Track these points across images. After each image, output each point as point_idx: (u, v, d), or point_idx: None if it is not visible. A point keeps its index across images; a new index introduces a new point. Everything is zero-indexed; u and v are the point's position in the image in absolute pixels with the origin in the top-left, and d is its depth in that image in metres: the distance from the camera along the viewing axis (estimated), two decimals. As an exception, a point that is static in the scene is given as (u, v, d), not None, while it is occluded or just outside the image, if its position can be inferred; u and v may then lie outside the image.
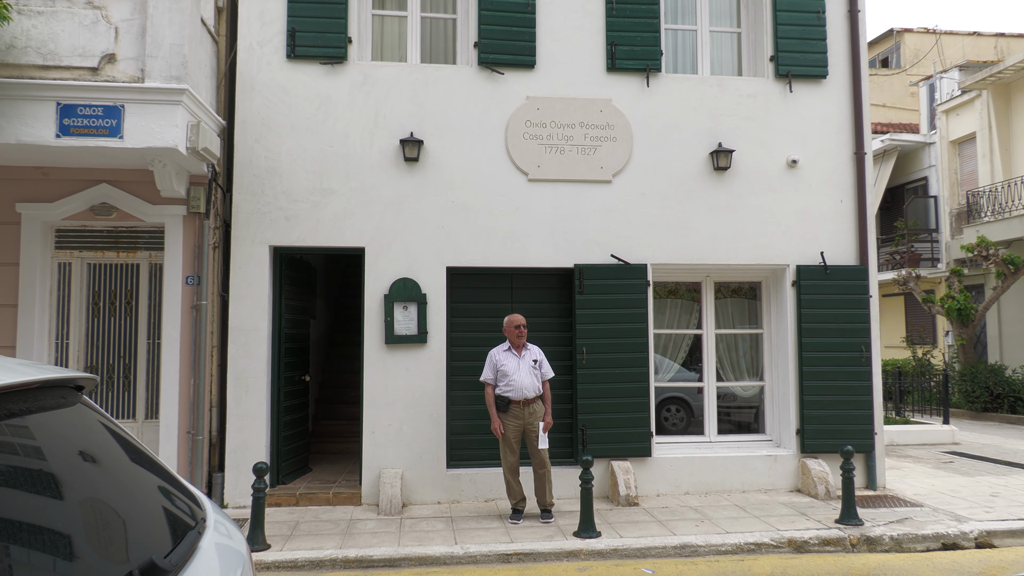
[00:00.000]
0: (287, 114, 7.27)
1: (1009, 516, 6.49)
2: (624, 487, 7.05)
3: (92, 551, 1.62)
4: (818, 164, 7.90)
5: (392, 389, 7.17)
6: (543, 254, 7.47)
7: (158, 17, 5.92)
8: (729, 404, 8.21)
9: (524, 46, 7.54)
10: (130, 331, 7.10)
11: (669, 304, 8.12)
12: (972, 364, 14.69)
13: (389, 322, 7.16)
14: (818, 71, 7.91)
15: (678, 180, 7.71)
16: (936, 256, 18.43)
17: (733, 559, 5.68)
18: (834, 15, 8.01)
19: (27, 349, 6.66)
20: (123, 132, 5.77)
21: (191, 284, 6.90)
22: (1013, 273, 13.84)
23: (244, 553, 2.22)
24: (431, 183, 7.39)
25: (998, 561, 5.58)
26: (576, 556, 5.70)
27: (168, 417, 6.78)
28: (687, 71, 8.11)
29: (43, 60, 5.77)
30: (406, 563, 5.56)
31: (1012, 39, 21.89)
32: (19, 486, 1.55)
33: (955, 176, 18.26)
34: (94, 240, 7.05)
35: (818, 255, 7.79)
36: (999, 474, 8.46)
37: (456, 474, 7.22)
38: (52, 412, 1.85)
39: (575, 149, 7.58)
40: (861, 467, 7.65)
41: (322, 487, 7.34)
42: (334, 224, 7.24)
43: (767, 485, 7.54)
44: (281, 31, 7.29)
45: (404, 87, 7.42)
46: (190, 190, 6.85)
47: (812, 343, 7.64)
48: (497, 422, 6.41)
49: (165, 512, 2.01)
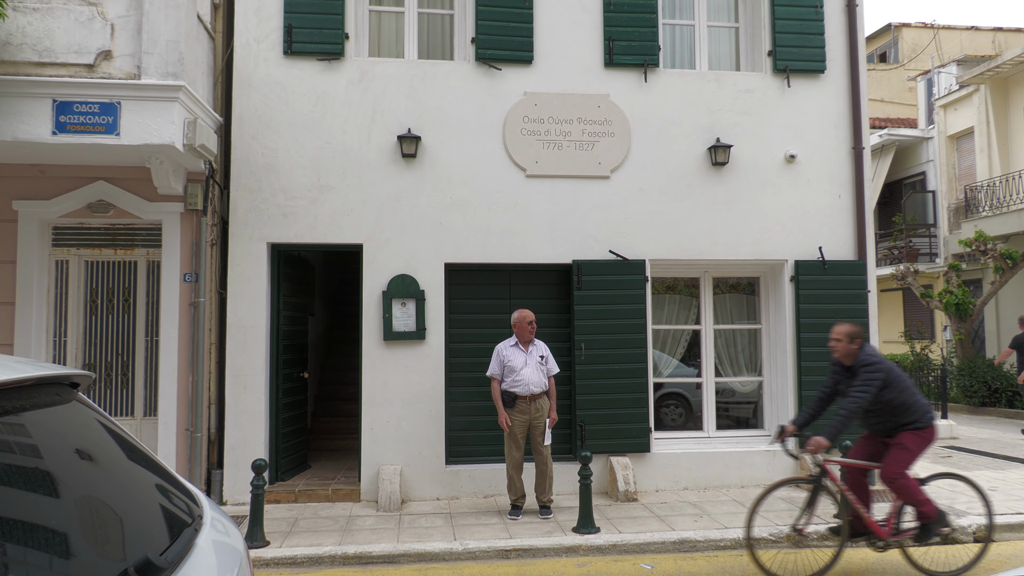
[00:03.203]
0: (284, 111, 7.25)
1: (1007, 511, 6.50)
2: (623, 483, 7.06)
3: (88, 549, 1.61)
4: (816, 159, 7.90)
5: (391, 386, 7.17)
6: (541, 250, 7.46)
7: (154, 14, 5.90)
8: (728, 399, 8.22)
9: (522, 42, 7.53)
10: (128, 329, 7.09)
11: (668, 300, 8.12)
12: (970, 359, 14.71)
13: (387, 319, 7.15)
14: (816, 66, 7.90)
15: (676, 175, 7.71)
16: (934, 251, 18.45)
17: (732, 554, 5.69)
18: (832, 9, 8.00)
19: (25, 347, 6.65)
20: (120, 129, 5.75)
21: (189, 281, 6.89)
22: (1011, 268, 13.85)
23: (241, 550, 2.21)
24: (429, 179, 7.38)
25: (996, 555, 5.59)
26: (575, 552, 5.71)
27: (167, 415, 6.77)
28: (685, 66, 8.10)
29: (39, 57, 5.75)
30: (405, 559, 5.57)
31: (1010, 33, 21.88)
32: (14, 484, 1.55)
33: (953, 171, 18.26)
34: (91, 237, 7.04)
35: (816, 250, 7.79)
36: (997, 468, 8.47)
37: (455, 470, 7.23)
38: (48, 409, 1.85)
39: (573, 145, 7.57)
40: (859, 462, 7.65)
41: (321, 484, 7.35)
42: (332, 221, 7.23)
43: (766, 480, 7.54)
44: (278, 27, 7.27)
45: (402, 83, 7.41)
46: (187, 187, 6.84)
47: (810, 338, 7.64)
48: (504, 416, 6.41)
49: (162, 509, 2.01)
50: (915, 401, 4.95)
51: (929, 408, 5.02)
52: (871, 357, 4.92)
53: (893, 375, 4.91)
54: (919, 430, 4.94)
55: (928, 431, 4.97)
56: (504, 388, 6.46)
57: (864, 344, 5.07)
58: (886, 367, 4.90)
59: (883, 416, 4.98)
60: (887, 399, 4.90)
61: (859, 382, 4.85)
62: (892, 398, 4.90)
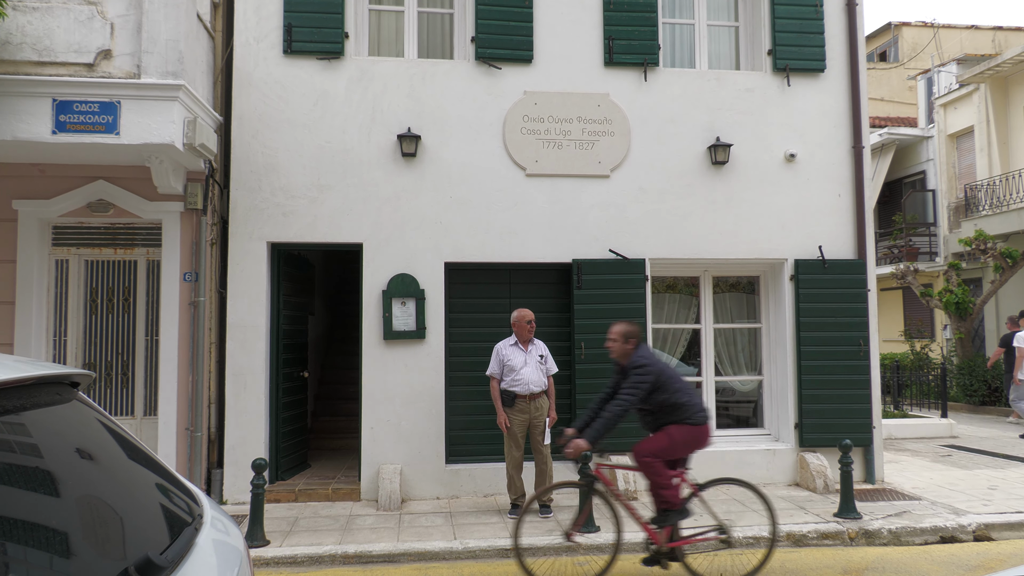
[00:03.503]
0: (284, 110, 7.25)
1: (1007, 509, 6.50)
2: (623, 481, 7.06)
3: (88, 548, 1.61)
4: (816, 158, 7.90)
5: (391, 385, 7.17)
6: (541, 249, 7.46)
7: (154, 13, 5.90)
8: (728, 398, 8.22)
9: (521, 40, 7.52)
10: (128, 328, 7.09)
11: (667, 299, 8.12)
12: (970, 358, 14.71)
13: (387, 318, 7.15)
14: (816, 65, 7.90)
15: (676, 174, 7.71)
16: (934, 250, 18.45)
17: (732, 552, 5.68)
18: (832, 8, 8.00)
19: (25, 346, 6.65)
20: (119, 128, 5.75)
21: (189, 281, 6.89)
22: (1011, 267, 13.85)
23: (241, 549, 2.21)
24: (429, 178, 7.38)
25: (996, 554, 5.59)
26: (575, 550, 5.70)
27: (167, 414, 6.77)
28: (685, 65, 8.10)
29: (39, 56, 5.75)
30: (405, 558, 5.57)
31: (1010, 32, 21.87)
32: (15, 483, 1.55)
33: (953, 170, 18.26)
34: (91, 237, 7.04)
35: (816, 249, 7.79)
36: (997, 467, 8.48)
37: (455, 469, 7.23)
38: (48, 409, 1.85)
39: (573, 144, 7.56)
40: (859, 461, 7.66)
41: (321, 483, 7.35)
42: (332, 220, 7.23)
43: (766, 479, 7.55)
44: (278, 26, 7.27)
45: (401, 82, 7.41)
46: (187, 186, 6.84)
47: (810, 337, 7.65)
48: (503, 416, 6.41)
49: (162, 509, 2.01)
50: (687, 402, 4.82)
51: (703, 409, 4.89)
52: (642, 359, 4.81)
53: (664, 377, 4.79)
54: (688, 425, 4.81)
55: (697, 429, 4.83)
56: (503, 387, 6.47)
57: (640, 345, 4.96)
58: (657, 369, 4.79)
59: (658, 416, 4.87)
60: (659, 400, 4.80)
61: (628, 384, 4.75)
62: (664, 399, 4.79)
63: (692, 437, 4.83)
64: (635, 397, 4.71)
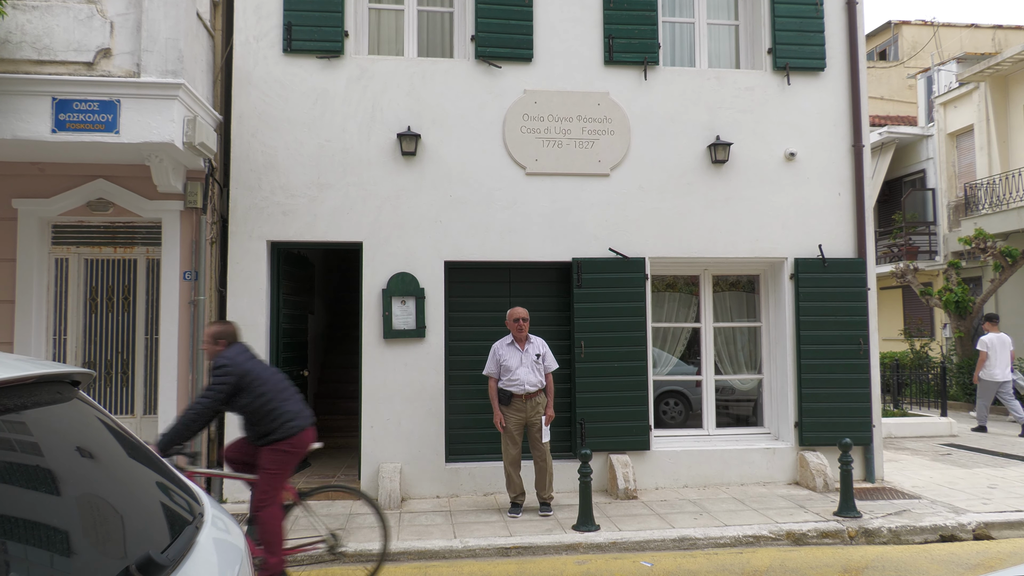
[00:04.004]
0: (284, 109, 7.24)
1: (1007, 508, 6.51)
2: (623, 480, 7.07)
3: (89, 546, 1.61)
4: (816, 157, 7.90)
5: (391, 384, 7.17)
6: (541, 248, 7.46)
7: (153, 11, 5.89)
8: (727, 397, 8.22)
9: (521, 39, 7.52)
10: (128, 327, 7.09)
11: (667, 297, 8.12)
12: (970, 356, 14.70)
13: (387, 316, 7.15)
14: (816, 64, 7.90)
15: (676, 173, 7.70)
16: (934, 249, 18.45)
17: (732, 552, 5.70)
18: (832, 7, 7.99)
19: (24, 345, 6.65)
20: (119, 127, 5.75)
21: (189, 279, 6.89)
22: (1011, 265, 13.85)
23: (242, 548, 2.22)
24: (428, 177, 7.38)
25: (996, 553, 5.60)
26: (575, 549, 5.71)
27: (167, 412, 6.77)
28: (685, 64, 8.09)
29: (38, 55, 5.74)
30: (405, 557, 5.57)
31: (1010, 31, 21.87)
32: (16, 482, 1.55)
33: (953, 169, 18.26)
34: (91, 236, 7.03)
35: (816, 248, 7.79)
36: (997, 466, 8.48)
37: (455, 468, 7.23)
38: (48, 407, 1.85)
39: (573, 143, 7.56)
40: (859, 460, 7.67)
41: (321, 482, 7.34)
42: (331, 219, 7.23)
43: (765, 478, 7.55)
44: (277, 25, 7.26)
45: (401, 81, 7.40)
46: (187, 185, 6.83)
47: (810, 336, 7.65)
48: (499, 416, 6.42)
49: (162, 507, 2.01)
50: (277, 408, 4.51)
51: (295, 416, 4.58)
52: (223, 359, 4.50)
53: (250, 379, 4.47)
54: (276, 443, 4.50)
55: (287, 442, 4.52)
56: (500, 387, 6.48)
57: (231, 345, 4.64)
58: (240, 370, 4.46)
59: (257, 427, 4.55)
60: (243, 404, 4.50)
61: (207, 385, 4.46)
62: (249, 404, 4.49)
63: (284, 455, 4.54)
64: (210, 400, 4.40)
